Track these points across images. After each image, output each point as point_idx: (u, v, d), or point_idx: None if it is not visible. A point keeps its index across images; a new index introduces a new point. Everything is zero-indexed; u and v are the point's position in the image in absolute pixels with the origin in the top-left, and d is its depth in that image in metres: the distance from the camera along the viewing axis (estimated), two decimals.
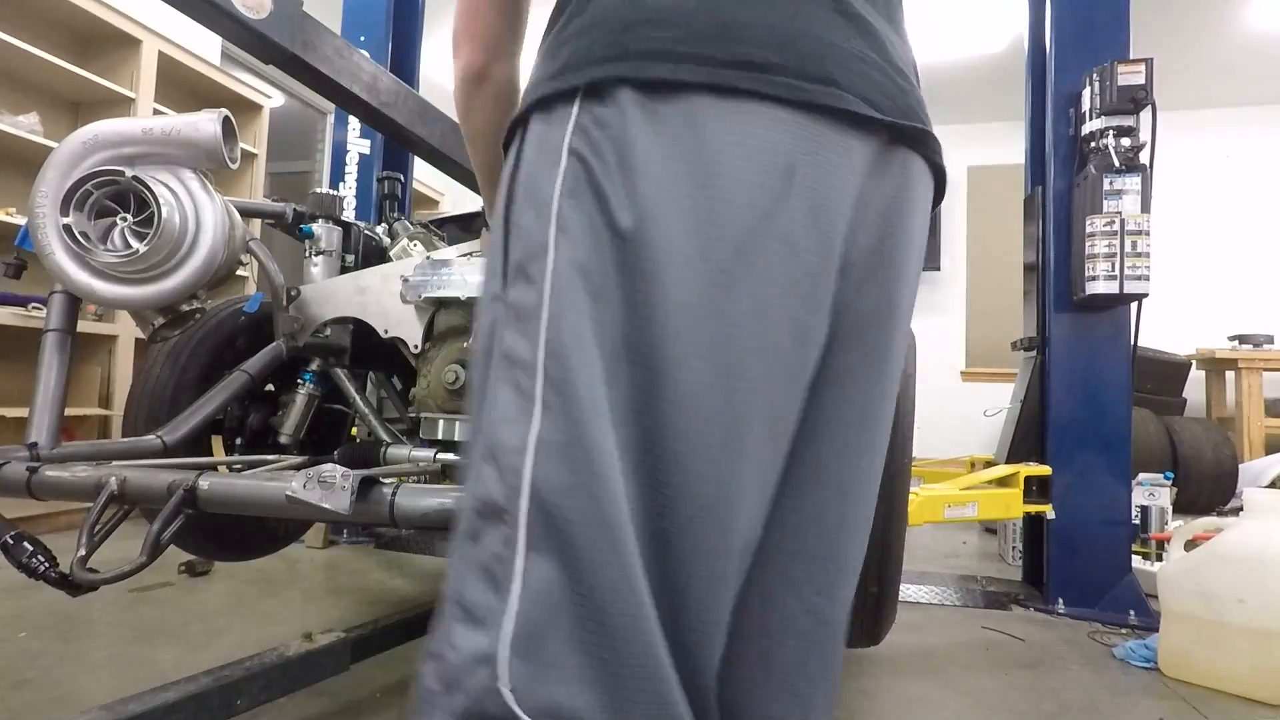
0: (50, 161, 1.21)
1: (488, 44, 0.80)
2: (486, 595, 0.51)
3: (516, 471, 0.51)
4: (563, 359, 0.52)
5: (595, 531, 0.49)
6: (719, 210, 0.53)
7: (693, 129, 0.53)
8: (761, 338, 0.54)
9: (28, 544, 1.00)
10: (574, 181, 0.55)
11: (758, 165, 0.53)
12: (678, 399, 0.52)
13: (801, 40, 0.56)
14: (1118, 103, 2.41)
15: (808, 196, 0.55)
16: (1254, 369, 4.80)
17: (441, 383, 1.46)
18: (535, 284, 0.54)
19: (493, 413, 0.55)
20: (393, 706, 1.63)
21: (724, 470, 0.54)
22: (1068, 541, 2.52)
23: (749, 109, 0.54)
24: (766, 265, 0.54)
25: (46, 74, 3.26)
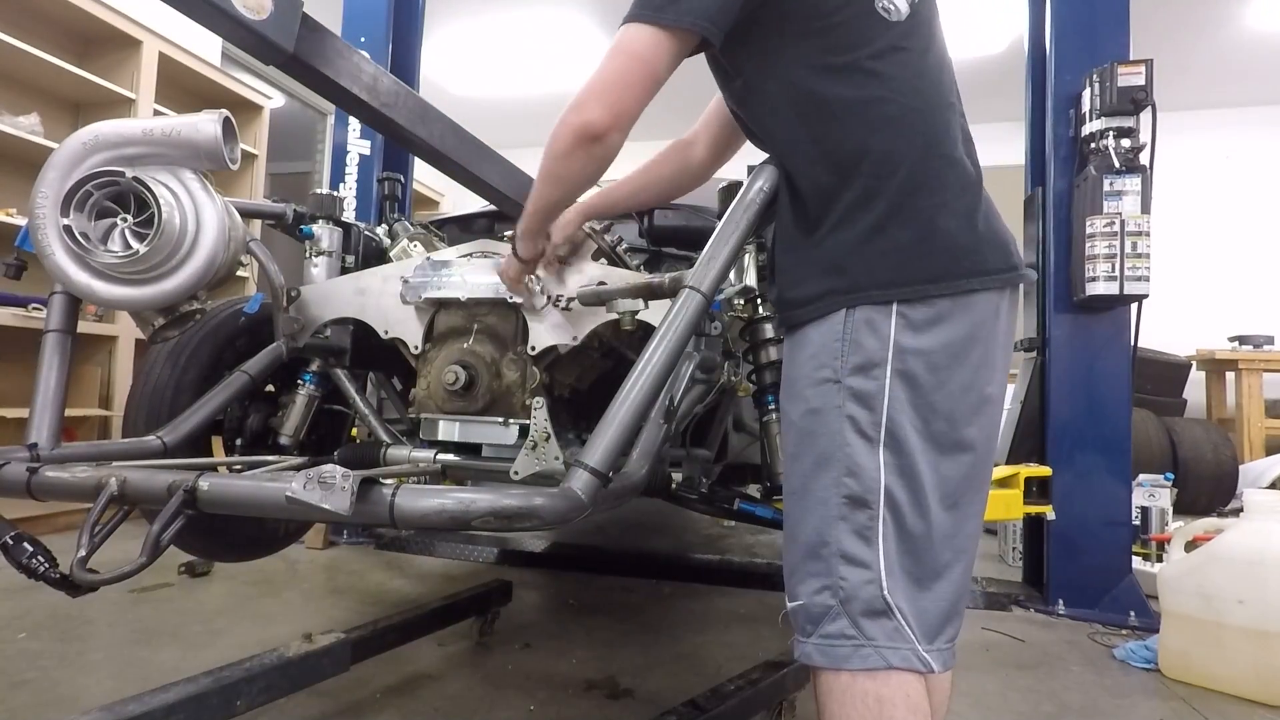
0: (50, 162, 1.21)
1: (620, 114, 0.96)
2: (862, 548, 0.92)
3: (876, 479, 0.93)
4: (896, 422, 0.94)
5: (914, 512, 0.93)
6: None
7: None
8: (989, 393, 1.00)
9: (28, 544, 1.00)
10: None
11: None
12: (957, 434, 0.96)
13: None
14: (1118, 103, 2.41)
15: (1006, 328, 1.03)
16: (1254, 370, 4.80)
17: (441, 383, 1.46)
18: (877, 380, 0.94)
19: (848, 448, 0.94)
20: (393, 707, 1.63)
21: (980, 459, 0.99)
22: (1068, 542, 2.52)
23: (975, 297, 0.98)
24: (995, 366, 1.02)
25: (47, 75, 3.26)
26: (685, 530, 3.67)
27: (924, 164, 0.97)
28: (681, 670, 1.90)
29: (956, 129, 1.02)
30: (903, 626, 0.91)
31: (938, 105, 1.00)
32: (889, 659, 0.90)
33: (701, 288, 1.03)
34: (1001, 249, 1.00)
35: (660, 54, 0.93)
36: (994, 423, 1.03)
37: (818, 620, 0.93)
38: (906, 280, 0.94)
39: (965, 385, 0.96)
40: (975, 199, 0.99)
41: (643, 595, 2.57)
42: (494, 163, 1.66)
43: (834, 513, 0.94)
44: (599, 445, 0.94)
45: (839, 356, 0.96)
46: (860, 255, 0.96)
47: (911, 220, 0.95)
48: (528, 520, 0.90)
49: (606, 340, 1.55)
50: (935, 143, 0.98)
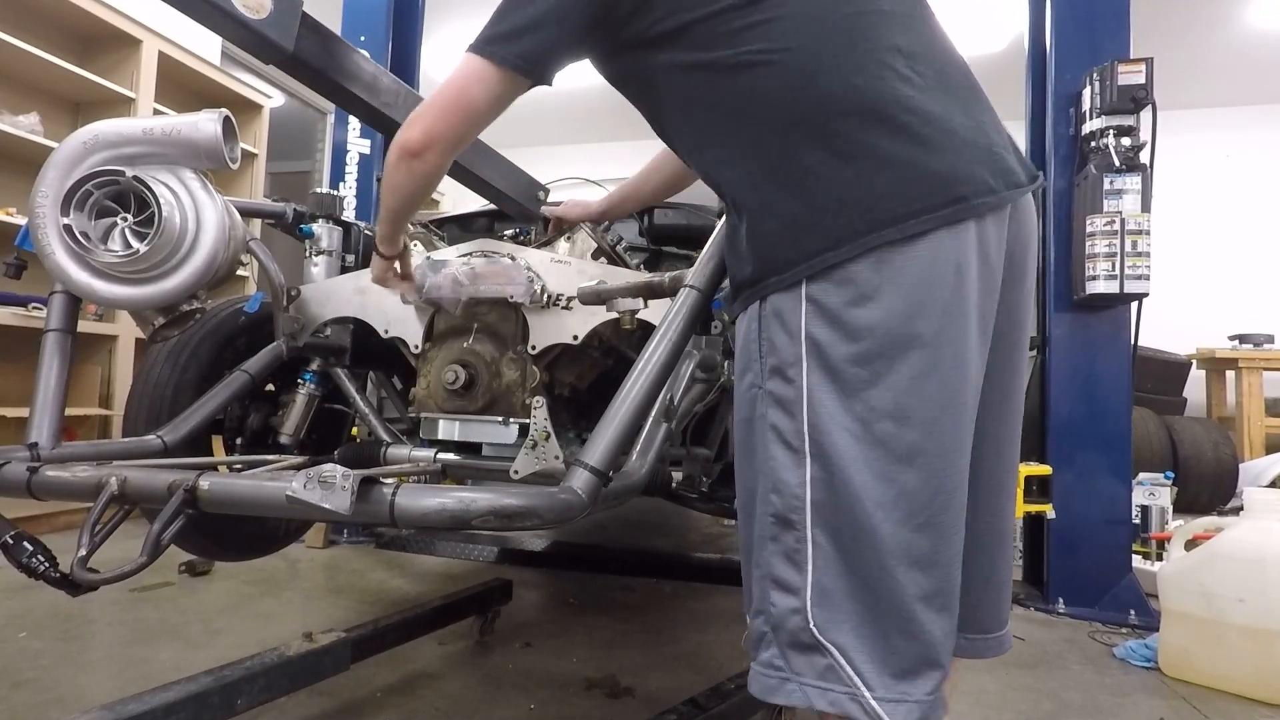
0: (50, 161, 1.21)
1: (432, 140, 0.98)
2: (791, 573, 0.81)
3: (800, 497, 0.81)
4: (821, 428, 0.80)
5: (855, 533, 0.78)
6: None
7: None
8: (962, 378, 0.82)
9: (28, 544, 1.00)
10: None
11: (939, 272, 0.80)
12: (916, 435, 0.79)
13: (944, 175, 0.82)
14: (1118, 102, 2.40)
15: (975, 281, 0.82)
16: (1254, 368, 4.80)
17: (441, 383, 1.46)
18: (794, 383, 0.81)
19: (771, 462, 0.83)
20: (393, 706, 1.63)
21: (952, 467, 0.81)
22: (1068, 541, 2.52)
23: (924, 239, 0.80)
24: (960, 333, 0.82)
25: (47, 74, 3.26)
26: (686, 529, 3.67)
27: (804, 119, 0.82)
28: (682, 669, 1.90)
29: (865, 43, 0.84)
30: (839, 665, 0.78)
31: (826, 31, 0.84)
32: (813, 699, 0.78)
33: (701, 286, 1.03)
34: (937, 181, 0.80)
35: (484, 88, 0.94)
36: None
37: (756, 645, 0.85)
38: (805, 254, 0.81)
39: (919, 372, 0.79)
40: (901, 119, 0.81)
41: (643, 594, 2.57)
42: (494, 163, 1.66)
43: (765, 533, 0.84)
44: (599, 444, 0.94)
45: (758, 359, 0.85)
46: (759, 239, 0.86)
47: (802, 184, 0.82)
48: (528, 519, 0.90)
49: (606, 339, 1.55)
50: (813, 85, 0.82)
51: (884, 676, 0.77)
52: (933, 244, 0.79)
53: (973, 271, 0.81)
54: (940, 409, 0.80)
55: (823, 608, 0.79)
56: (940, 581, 0.80)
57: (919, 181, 0.80)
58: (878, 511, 0.78)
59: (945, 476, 0.81)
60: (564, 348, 1.48)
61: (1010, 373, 0.96)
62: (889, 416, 0.78)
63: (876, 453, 0.78)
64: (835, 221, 0.80)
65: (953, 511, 0.82)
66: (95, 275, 1.22)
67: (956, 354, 0.81)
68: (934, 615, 0.79)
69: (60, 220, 1.18)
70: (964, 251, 0.81)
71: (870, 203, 0.79)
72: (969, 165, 0.82)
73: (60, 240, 1.19)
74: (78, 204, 1.18)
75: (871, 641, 0.78)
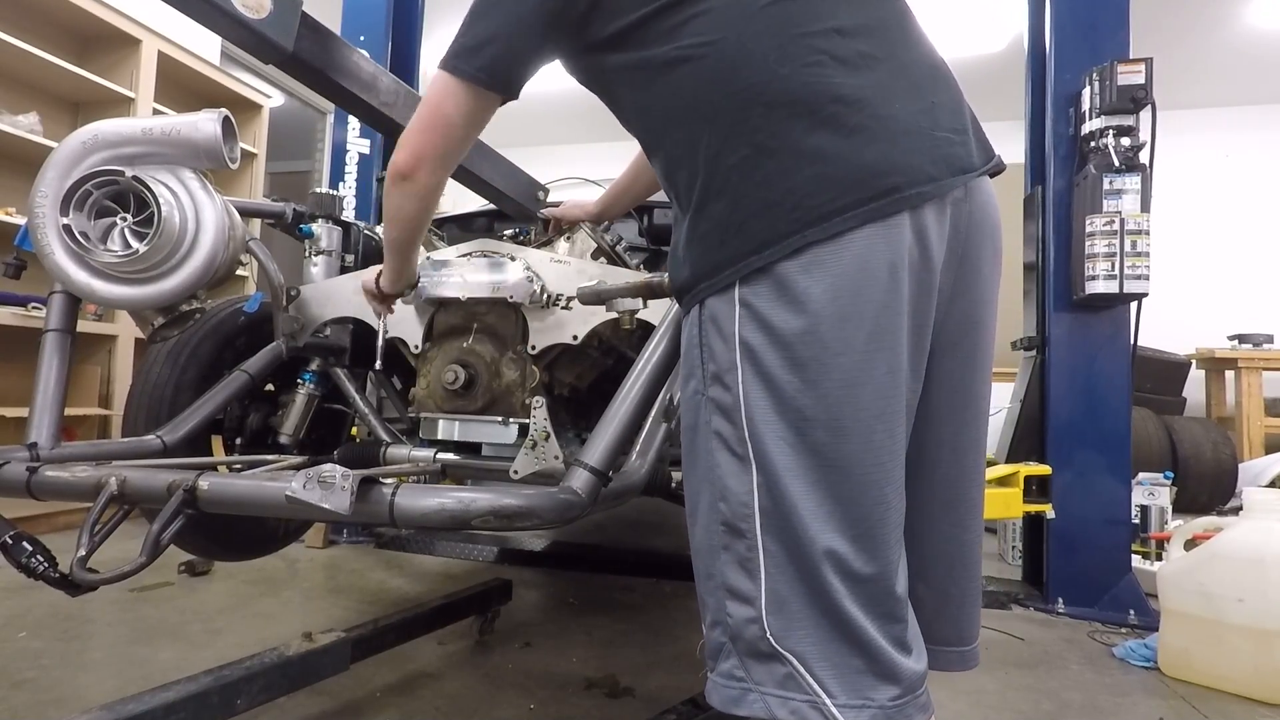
0: (50, 161, 1.21)
1: (420, 160, 1.00)
2: (744, 581, 0.80)
3: (749, 504, 0.79)
4: (759, 435, 0.78)
5: (796, 541, 0.77)
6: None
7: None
8: (895, 385, 0.79)
9: (27, 544, 1.00)
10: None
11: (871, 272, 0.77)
12: (850, 444, 0.77)
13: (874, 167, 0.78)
14: (1117, 102, 2.40)
15: (911, 280, 0.79)
16: (1254, 368, 4.80)
17: (441, 383, 1.46)
18: (732, 389, 0.80)
19: (718, 470, 0.82)
20: (393, 706, 1.63)
21: (887, 476, 0.79)
22: (1067, 541, 2.52)
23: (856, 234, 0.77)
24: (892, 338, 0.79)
25: (46, 74, 3.26)
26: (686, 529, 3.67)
27: (726, 112, 0.80)
28: (682, 669, 1.90)
29: (797, 28, 0.80)
30: (797, 674, 0.76)
31: (753, 18, 0.81)
32: (774, 709, 0.77)
33: None
34: (866, 172, 0.77)
35: (457, 104, 0.95)
36: (908, 424, 0.82)
37: (715, 655, 0.84)
38: (734, 257, 0.79)
39: (849, 380, 0.76)
40: (828, 110, 0.78)
41: (643, 594, 2.57)
42: (494, 163, 1.66)
43: (716, 542, 0.82)
44: (599, 444, 0.94)
45: (700, 365, 0.84)
46: (692, 244, 0.85)
47: (728, 184, 0.80)
48: (527, 519, 0.90)
49: (606, 339, 1.55)
50: (738, 76, 0.80)
51: (843, 683, 0.76)
52: (864, 243, 0.76)
53: (907, 271, 0.78)
54: (875, 417, 0.77)
55: (778, 616, 0.77)
56: (881, 592, 0.78)
57: (846, 176, 0.76)
58: (814, 522, 0.76)
59: (883, 486, 0.79)
60: (563, 348, 1.48)
61: (967, 378, 0.93)
62: (822, 425, 0.76)
63: (812, 461, 0.77)
64: (760, 223, 0.78)
65: (892, 520, 0.80)
66: (95, 275, 1.22)
67: (891, 361, 0.78)
68: (879, 624, 0.78)
69: (60, 220, 1.18)
70: (898, 250, 0.77)
71: (794, 201, 0.77)
72: (905, 154, 0.79)
73: (60, 240, 1.19)
74: (77, 204, 1.18)
75: (827, 647, 0.77)
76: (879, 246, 0.76)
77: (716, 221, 0.81)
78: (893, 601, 0.79)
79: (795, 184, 0.77)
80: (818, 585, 0.77)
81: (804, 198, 0.76)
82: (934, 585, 0.95)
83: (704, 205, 0.82)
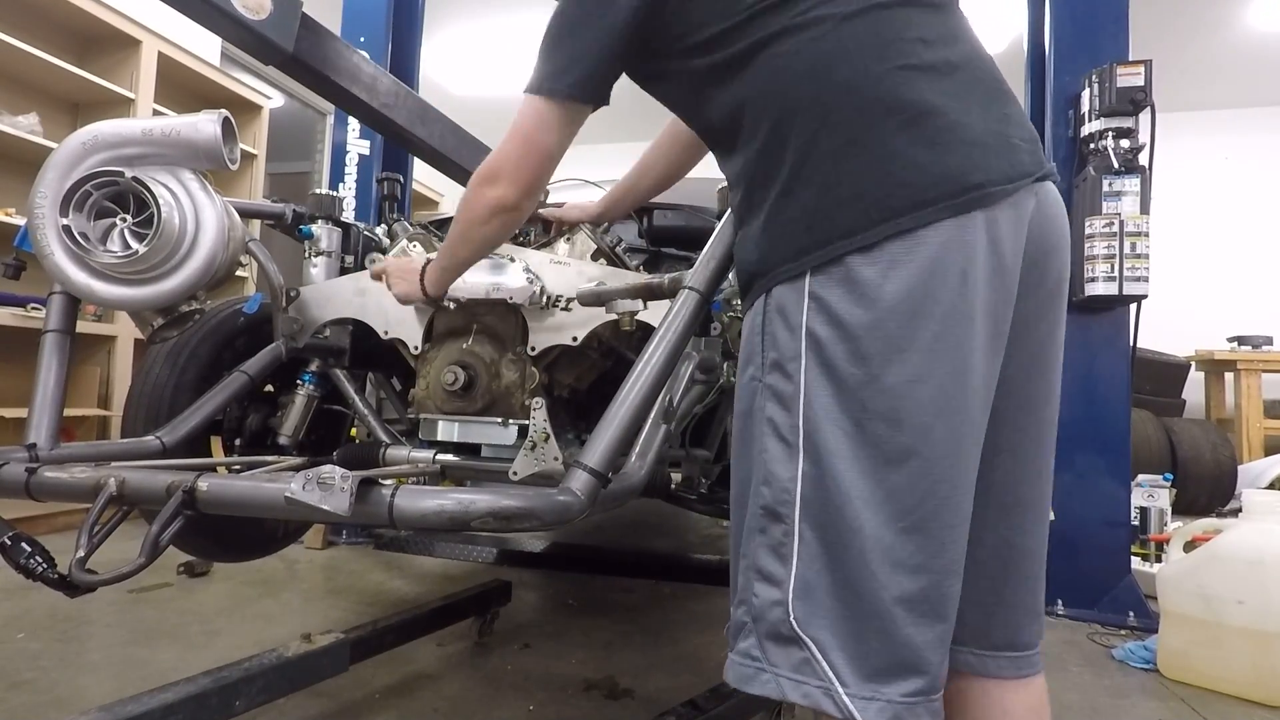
0: (50, 162, 1.21)
1: (527, 190, 1.02)
2: (776, 565, 0.82)
3: (790, 491, 0.81)
4: (814, 425, 0.80)
5: (840, 531, 0.78)
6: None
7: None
8: (959, 386, 0.80)
9: (26, 545, 1.00)
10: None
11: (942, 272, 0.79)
12: (907, 438, 0.78)
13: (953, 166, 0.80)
14: (1117, 104, 2.41)
15: (984, 285, 0.80)
16: (1253, 370, 4.80)
17: (441, 384, 1.46)
18: (793, 378, 0.82)
19: (765, 455, 0.84)
20: (392, 707, 1.63)
21: (944, 475, 0.79)
22: (1067, 543, 2.52)
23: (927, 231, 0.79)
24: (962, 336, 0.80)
25: (46, 74, 3.26)
26: (685, 530, 3.67)
27: (821, 102, 0.83)
28: (681, 670, 1.90)
29: (886, 34, 0.84)
30: (814, 660, 0.78)
31: (845, 22, 0.84)
32: (786, 691, 0.79)
33: (700, 288, 1.03)
34: (950, 170, 0.79)
35: (553, 126, 0.98)
36: (979, 425, 0.83)
37: (736, 634, 0.86)
38: (811, 245, 0.81)
39: (912, 377, 0.77)
40: (908, 115, 0.81)
41: (642, 595, 2.57)
42: None
43: (754, 524, 0.85)
44: (598, 446, 0.94)
45: (760, 353, 0.86)
46: (769, 231, 0.86)
47: (814, 174, 0.82)
48: (527, 521, 0.90)
49: (606, 340, 1.55)
50: (833, 69, 0.83)
51: (858, 674, 0.77)
52: (938, 244, 0.78)
53: (981, 274, 0.79)
54: (934, 415, 0.78)
55: (804, 601, 0.79)
56: (926, 587, 0.78)
57: (927, 178, 0.79)
58: (865, 510, 0.77)
59: (938, 482, 0.79)
60: (563, 349, 1.48)
61: (1032, 384, 0.95)
62: (882, 418, 0.78)
63: (867, 452, 0.78)
64: (844, 212, 0.80)
65: (946, 518, 0.80)
66: (94, 276, 1.22)
67: (956, 361, 0.79)
68: (915, 619, 0.77)
69: (59, 221, 1.18)
70: (970, 254, 0.79)
71: (876, 196, 0.79)
72: (984, 157, 0.81)
73: (59, 241, 1.19)
74: (77, 205, 1.18)
75: (847, 639, 0.78)
76: (952, 249, 0.78)
77: (803, 208, 0.83)
78: (937, 598, 0.79)
79: (880, 179, 0.79)
80: (852, 574, 0.78)
81: (886, 195, 0.79)
82: (989, 588, 0.96)
83: (789, 192, 0.84)
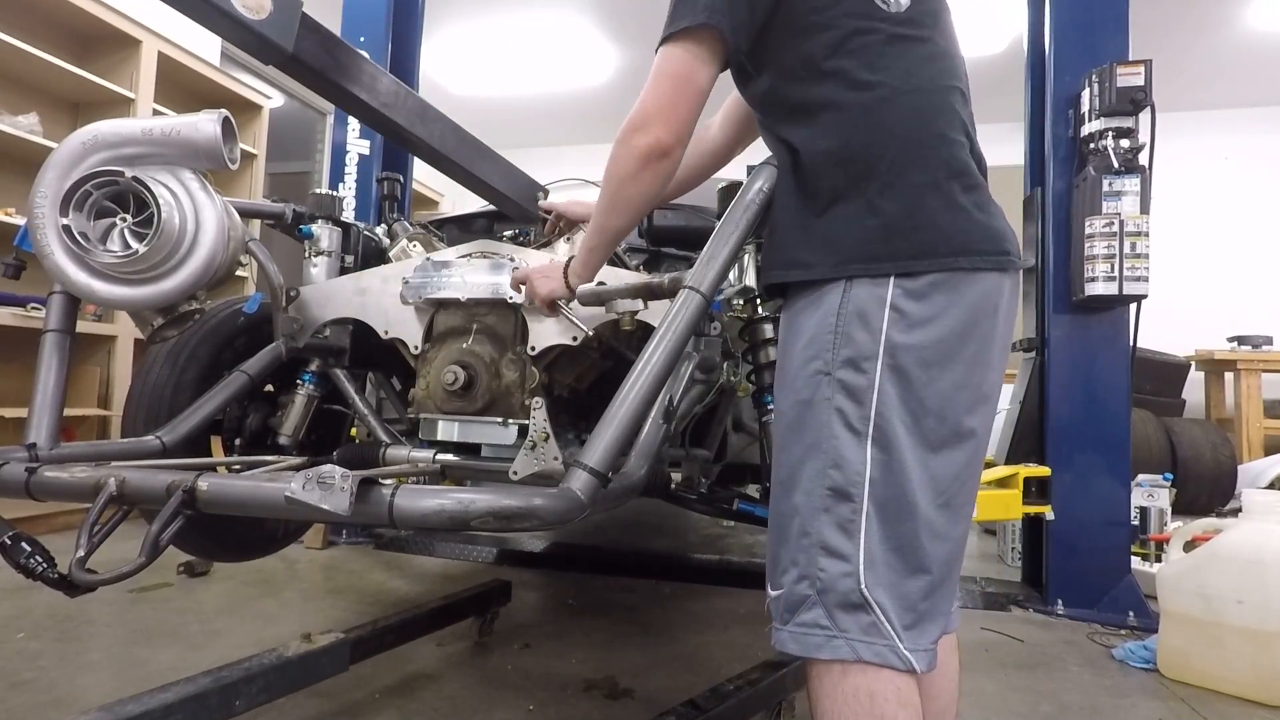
0: (50, 162, 1.21)
1: (680, 132, 1.00)
2: (843, 540, 0.93)
3: (861, 474, 0.93)
4: (885, 416, 0.93)
5: (900, 508, 0.93)
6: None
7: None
8: (982, 392, 0.98)
9: (26, 544, 1.00)
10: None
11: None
12: (947, 431, 0.95)
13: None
14: (1117, 104, 2.41)
15: (1001, 321, 1.01)
16: (1253, 370, 4.80)
17: (441, 383, 1.46)
18: (867, 374, 0.94)
19: (835, 441, 0.94)
20: (392, 707, 1.63)
21: (967, 460, 0.97)
22: (1067, 542, 2.52)
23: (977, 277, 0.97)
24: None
25: (46, 74, 3.26)
26: (685, 530, 3.67)
27: (915, 142, 0.97)
28: (681, 670, 1.90)
29: (957, 111, 1.02)
30: (880, 622, 0.91)
31: (936, 87, 1.01)
32: (860, 653, 0.90)
33: (701, 288, 1.03)
34: (995, 234, 0.98)
35: (694, 64, 0.98)
36: (987, 423, 1.01)
37: (795, 608, 0.94)
38: (893, 255, 0.94)
39: (958, 383, 0.95)
40: (971, 183, 0.99)
41: (642, 595, 2.57)
42: (494, 163, 1.66)
43: (817, 504, 0.94)
44: (598, 445, 0.94)
45: (830, 348, 0.95)
46: (850, 233, 0.97)
47: (901, 196, 0.95)
48: (527, 520, 0.90)
49: (606, 340, 1.55)
50: (927, 122, 0.98)
51: (907, 629, 0.91)
52: (986, 284, 0.96)
53: (1003, 314, 1.00)
54: (965, 414, 0.96)
55: (870, 571, 0.91)
56: (950, 551, 0.96)
57: (984, 233, 0.97)
58: (918, 491, 0.92)
59: (964, 466, 0.96)
60: (563, 349, 1.48)
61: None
62: (933, 414, 0.94)
63: (919, 441, 0.93)
64: (927, 236, 0.95)
65: (965, 496, 0.98)
66: (94, 276, 1.22)
67: (983, 374, 0.97)
68: (942, 578, 0.95)
69: (59, 220, 1.17)
70: (999, 297, 0.98)
71: (949, 234, 0.95)
72: (1007, 230, 1.01)
73: (59, 241, 1.19)
74: (77, 204, 1.18)
75: (898, 600, 0.92)
76: (992, 290, 0.97)
77: (884, 224, 0.95)
78: (955, 560, 0.98)
79: (951, 223, 0.96)
80: (905, 544, 0.92)
81: (957, 235, 0.95)
82: None
83: (874, 208, 0.96)
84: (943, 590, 0.96)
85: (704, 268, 1.05)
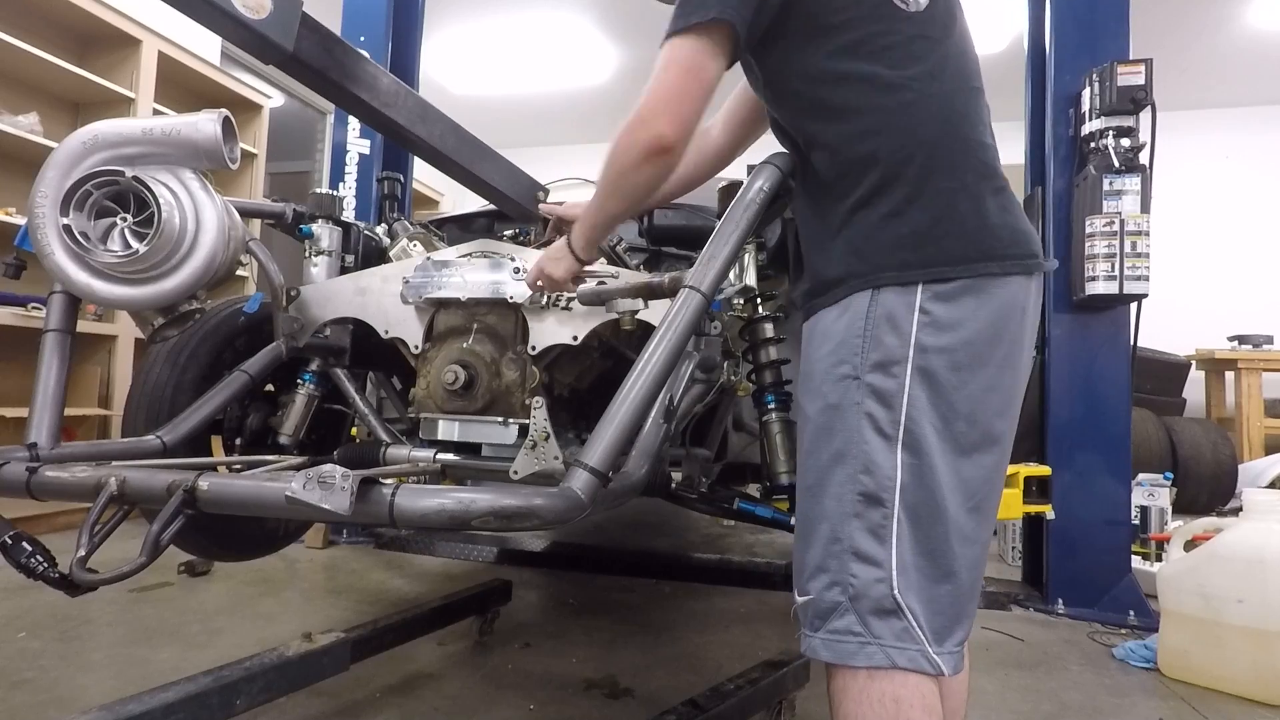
0: (50, 161, 1.21)
1: (685, 125, 0.97)
2: (874, 546, 0.92)
3: (892, 479, 0.92)
4: (915, 420, 0.93)
5: (930, 512, 0.92)
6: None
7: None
8: (1009, 396, 0.99)
9: (26, 544, 1.00)
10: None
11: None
12: (977, 434, 0.95)
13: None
14: (1117, 103, 2.41)
15: (1028, 324, 1.00)
16: (1253, 369, 4.80)
17: (441, 383, 1.46)
18: (897, 378, 0.93)
19: (865, 446, 0.93)
20: (392, 706, 1.63)
21: (995, 463, 0.98)
22: (1067, 542, 2.52)
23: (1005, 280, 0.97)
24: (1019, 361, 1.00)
25: (46, 74, 3.26)
26: (685, 530, 3.67)
27: (943, 147, 0.97)
28: (681, 670, 1.90)
29: (979, 111, 1.02)
30: (912, 627, 0.90)
31: (958, 89, 1.01)
32: (894, 659, 0.89)
33: (701, 287, 1.03)
34: (1022, 237, 0.98)
35: (704, 57, 0.96)
36: (1014, 426, 1.01)
37: (826, 615, 0.93)
38: (923, 262, 0.94)
39: (987, 386, 0.94)
40: (996, 184, 0.99)
41: (642, 595, 2.57)
42: (494, 163, 1.66)
43: (848, 509, 0.93)
44: (598, 445, 0.94)
45: (859, 353, 0.95)
46: (878, 239, 0.96)
47: (930, 203, 0.95)
48: (527, 520, 0.90)
49: (606, 340, 1.55)
50: (954, 125, 0.98)
51: (936, 633, 0.92)
52: (1013, 288, 0.96)
53: (1029, 316, 1.00)
54: (995, 417, 0.96)
55: (903, 577, 0.91)
56: (976, 554, 0.97)
57: (1012, 236, 0.97)
58: (949, 495, 0.92)
59: (993, 470, 0.97)
60: (564, 348, 1.48)
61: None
62: (963, 418, 0.93)
63: (949, 445, 0.93)
64: (954, 243, 0.94)
65: (994, 499, 0.99)
66: (95, 275, 1.22)
67: (1011, 377, 0.98)
68: (969, 582, 0.95)
69: (60, 220, 1.17)
70: (1026, 300, 0.98)
71: (978, 239, 0.95)
72: (1032, 231, 1.01)
73: (60, 240, 1.19)
74: (77, 204, 1.18)
75: (928, 604, 0.92)
76: (1019, 294, 0.97)
77: (914, 230, 0.95)
78: (980, 562, 0.99)
79: (980, 227, 0.96)
80: (936, 548, 0.92)
81: (986, 240, 0.95)
82: None
83: (901, 213, 0.96)
84: (970, 593, 0.96)
85: (704, 267, 1.05)
